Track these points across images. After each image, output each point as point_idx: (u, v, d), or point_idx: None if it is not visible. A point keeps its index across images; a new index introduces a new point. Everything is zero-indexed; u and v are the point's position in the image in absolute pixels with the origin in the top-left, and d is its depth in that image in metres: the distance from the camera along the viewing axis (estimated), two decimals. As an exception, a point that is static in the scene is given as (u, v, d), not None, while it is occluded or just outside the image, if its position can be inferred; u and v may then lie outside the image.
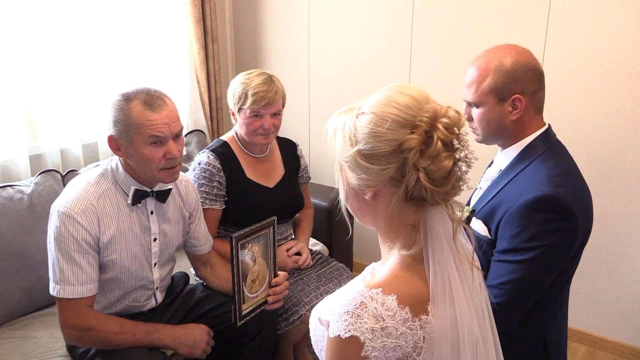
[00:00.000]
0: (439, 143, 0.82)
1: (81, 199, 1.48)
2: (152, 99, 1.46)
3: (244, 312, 1.58)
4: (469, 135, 0.86)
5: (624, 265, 2.26)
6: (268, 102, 1.82)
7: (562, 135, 1.43)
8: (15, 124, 2.08)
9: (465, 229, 0.94)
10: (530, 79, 1.28)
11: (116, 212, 1.53)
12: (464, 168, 0.84)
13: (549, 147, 1.32)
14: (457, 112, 0.86)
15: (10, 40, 2.06)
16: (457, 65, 2.43)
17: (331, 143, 0.93)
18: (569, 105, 2.22)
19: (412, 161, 0.83)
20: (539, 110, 1.34)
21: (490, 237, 1.31)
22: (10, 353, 1.68)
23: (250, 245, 1.54)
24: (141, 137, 1.44)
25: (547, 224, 1.20)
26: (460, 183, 0.86)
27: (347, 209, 0.97)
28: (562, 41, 2.17)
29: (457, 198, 0.91)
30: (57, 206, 1.48)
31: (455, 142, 0.83)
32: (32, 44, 2.14)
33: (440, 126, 0.83)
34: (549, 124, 1.37)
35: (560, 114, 2.23)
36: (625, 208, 2.20)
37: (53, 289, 1.48)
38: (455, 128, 0.84)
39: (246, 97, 1.82)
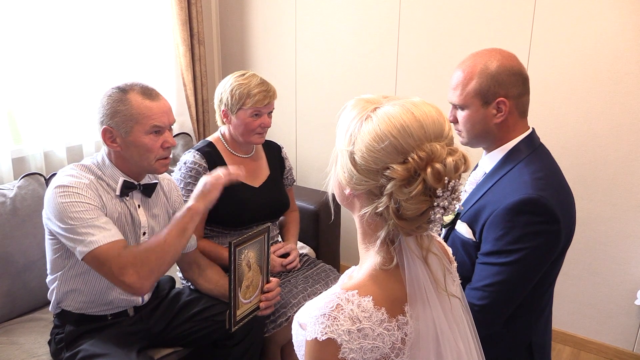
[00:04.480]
0: (420, 186, 0.79)
1: (79, 179, 1.49)
2: (148, 90, 1.52)
3: (238, 318, 1.58)
4: (462, 186, 0.82)
5: (607, 267, 2.29)
6: (269, 100, 1.91)
7: (547, 139, 1.44)
8: (-3, 127, 2.05)
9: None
10: (514, 83, 1.30)
11: (107, 201, 1.54)
12: (438, 215, 0.82)
13: (533, 151, 1.33)
14: (459, 161, 0.81)
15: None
16: (444, 69, 2.45)
17: (338, 126, 0.90)
18: (553, 109, 2.24)
19: (389, 189, 0.81)
20: (523, 114, 1.36)
21: (474, 239, 1.32)
22: (-8, 359, 1.66)
23: (246, 251, 1.55)
24: (142, 127, 1.49)
25: (530, 226, 1.21)
26: (430, 225, 0.84)
27: (333, 195, 0.96)
28: (547, 46, 2.20)
29: None
30: (54, 185, 1.46)
31: (439, 191, 0.80)
32: (16, 46, 2.11)
33: (429, 170, 0.79)
34: (532, 128, 1.38)
35: (545, 117, 2.26)
36: (609, 211, 2.23)
37: (85, 250, 1.41)
38: (446, 178, 0.80)
39: (248, 97, 1.87)
